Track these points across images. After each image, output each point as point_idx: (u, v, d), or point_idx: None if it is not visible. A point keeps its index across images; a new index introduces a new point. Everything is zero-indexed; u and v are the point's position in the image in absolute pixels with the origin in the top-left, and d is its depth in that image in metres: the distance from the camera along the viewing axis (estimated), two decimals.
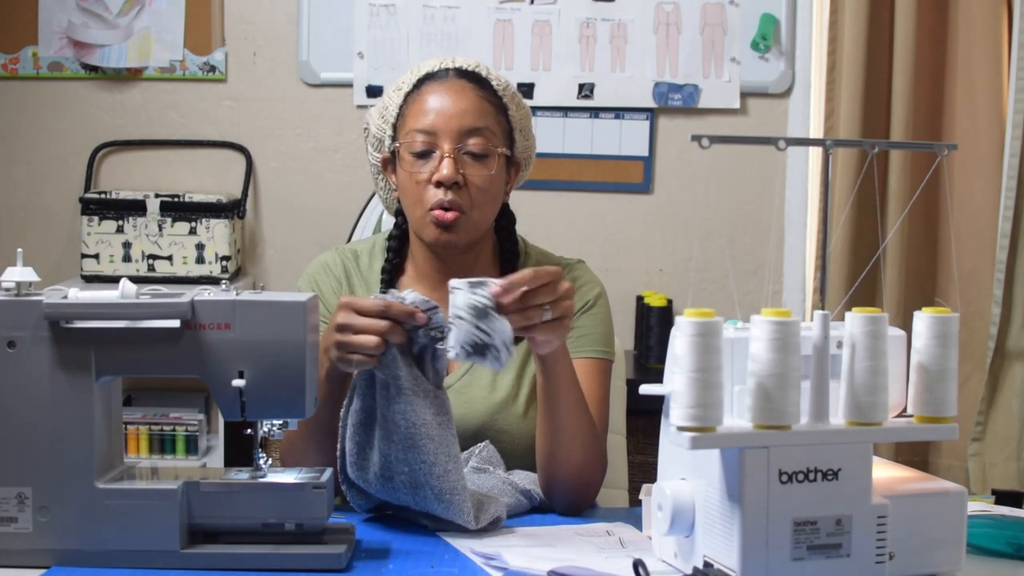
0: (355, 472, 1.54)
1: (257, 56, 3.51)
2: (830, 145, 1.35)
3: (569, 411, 1.65)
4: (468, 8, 3.44)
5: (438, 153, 1.73)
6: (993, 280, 3.18)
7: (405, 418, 1.47)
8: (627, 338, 3.46)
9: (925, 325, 1.32)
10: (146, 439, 3.26)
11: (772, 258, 3.53)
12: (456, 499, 1.48)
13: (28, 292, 1.38)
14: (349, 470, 1.55)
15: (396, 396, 1.48)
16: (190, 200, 3.31)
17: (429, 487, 1.48)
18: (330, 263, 1.87)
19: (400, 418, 1.47)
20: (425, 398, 1.48)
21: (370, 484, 1.53)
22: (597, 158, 3.50)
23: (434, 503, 1.49)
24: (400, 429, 1.47)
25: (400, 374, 1.48)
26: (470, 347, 1.45)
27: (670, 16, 3.44)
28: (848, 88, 3.26)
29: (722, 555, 1.28)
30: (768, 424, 1.25)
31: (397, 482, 1.49)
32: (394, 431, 1.48)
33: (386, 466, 1.49)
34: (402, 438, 1.48)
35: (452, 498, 1.48)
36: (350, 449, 1.54)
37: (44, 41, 3.47)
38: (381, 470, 1.50)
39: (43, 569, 1.35)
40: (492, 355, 1.45)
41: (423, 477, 1.48)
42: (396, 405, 1.48)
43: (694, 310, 1.23)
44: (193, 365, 1.38)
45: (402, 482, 1.49)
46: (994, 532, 1.47)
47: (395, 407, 1.48)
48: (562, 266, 1.88)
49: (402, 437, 1.48)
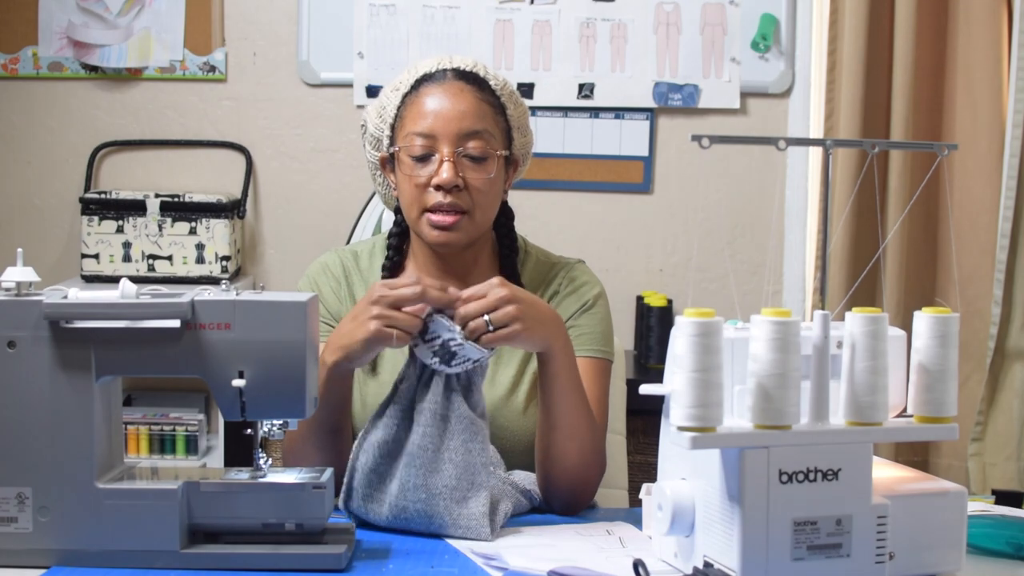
0: (361, 505, 1.53)
1: (257, 56, 3.51)
2: (830, 145, 1.35)
3: (567, 410, 1.65)
4: (468, 8, 3.44)
5: (437, 157, 1.73)
6: (993, 280, 3.18)
7: (432, 442, 1.50)
8: (627, 338, 3.46)
9: (925, 325, 1.32)
10: (146, 439, 3.26)
11: (772, 258, 3.53)
12: (474, 523, 1.49)
13: (28, 292, 1.38)
14: (353, 503, 1.54)
15: (428, 421, 1.50)
16: (190, 200, 3.31)
17: (447, 512, 1.49)
18: (329, 264, 1.87)
19: (428, 442, 1.50)
20: (458, 424, 1.51)
21: (380, 517, 1.52)
22: (597, 158, 3.50)
23: (450, 528, 1.49)
24: (427, 453, 1.50)
25: (430, 398, 1.51)
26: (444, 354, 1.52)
27: (670, 16, 3.44)
28: (848, 88, 3.26)
29: (722, 555, 1.28)
30: (768, 424, 1.25)
31: (411, 511, 1.50)
32: (418, 455, 1.50)
33: (402, 494, 1.50)
34: (425, 463, 1.49)
35: (470, 523, 1.49)
36: (363, 482, 1.53)
37: (44, 41, 3.47)
38: (397, 499, 1.50)
39: (43, 569, 1.35)
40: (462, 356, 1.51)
41: (443, 503, 1.48)
42: (422, 429, 1.50)
43: (694, 310, 1.23)
44: (193, 365, 1.38)
45: (416, 511, 1.49)
46: (994, 532, 1.47)
47: (420, 431, 1.50)
48: (562, 266, 1.88)
49: (426, 462, 1.49)
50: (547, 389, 1.64)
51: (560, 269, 1.88)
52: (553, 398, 1.64)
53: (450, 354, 1.51)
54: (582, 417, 1.66)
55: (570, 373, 1.64)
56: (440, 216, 1.73)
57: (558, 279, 1.86)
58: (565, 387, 1.64)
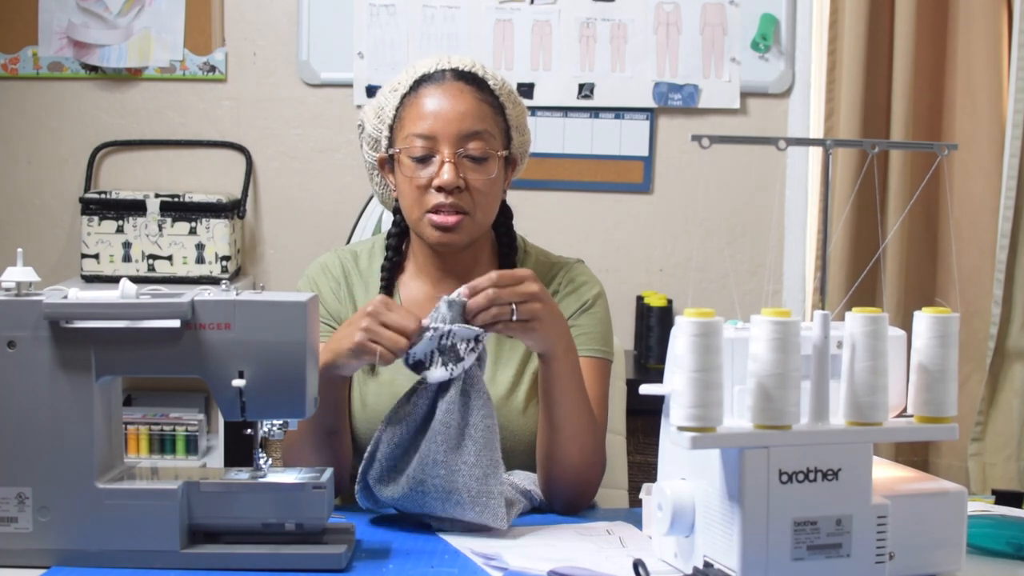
0: (378, 482, 1.54)
1: (257, 56, 3.51)
2: (830, 145, 1.35)
3: (570, 411, 1.65)
4: (468, 8, 3.44)
5: (438, 158, 1.73)
6: (993, 280, 3.18)
7: (455, 418, 1.51)
8: (627, 338, 3.46)
9: (925, 325, 1.32)
10: (146, 439, 3.26)
11: (772, 258, 3.53)
12: (492, 503, 1.49)
13: (28, 292, 1.38)
14: (371, 477, 1.55)
15: (453, 397, 1.51)
16: (190, 200, 3.31)
17: (467, 490, 1.49)
18: (329, 264, 1.87)
19: (451, 418, 1.51)
20: (477, 399, 1.52)
21: (396, 492, 1.53)
22: (597, 158, 3.50)
23: (468, 508, 1.50)
24: (449, 429, 1.50)
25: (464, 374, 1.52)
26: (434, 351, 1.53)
27: (670, 16, 3.44)
28: (848, 88, 3.26)
29: (722, 555, 1.28)
30: (768, 424, 1.25)
31: (428, 486, 1.50)
32: (440, 432, 1.50)
33: (421, 467, 1.50)
34: (448, 439, 1.50)
35: (488, 501, 1.49)
36: (386, 454, 1.54)
37: (44, 41, 3.47)
38: (415, 471, 1.51)
39: (43, 569, 1.35)
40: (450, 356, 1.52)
41: (461, 480, 1.49)
42: (446, 405, 1.51)
43: (694, 310, 1.23)
44: (193, 365, 1.38)
45: (435, 486, 1.50)
46: (994, 532, 1.47)
47: (444, 407, 1.51)
48: (561, 266, 1.88)
49: (448, 438, 1.50)
50: (549, 390, 1.64)
51: (560, 269, 1.88)
52: (555, 399, 1.64)
53: (451, 349, 1.51)
54: (584, 418, 1.67)
55: (573, 373, 1.65)
56: (441, 217, 1.73)
57: (558, 279, 1.86)
58: (568, 388, 1.64)
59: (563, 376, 1.63)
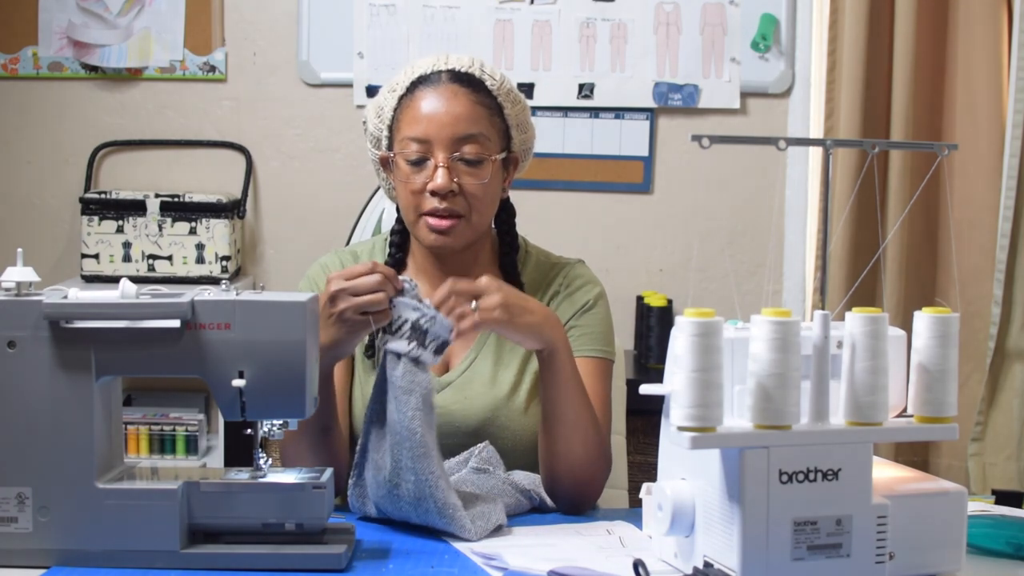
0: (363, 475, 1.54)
1: (257, 56, 3.51)
2: (830, 145, 1.35)
3: (568, 408, 1.65)
4: (468, 8, 3.44)
5: (432, 162, 1.72)
6: (993, 280, 3.18)
7: (420, 426, 1.48)
8: (627, 338, 3.46)
9: (925, 325, 1.32)
10: (146, 439, 3.26)
11: (772, 258, 3.53)
12: (458, 515, 1.48)
13: (28, 292, 1.38)
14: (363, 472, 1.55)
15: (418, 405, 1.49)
16: (190, 200, 3.31)
17: (433, 500, 1.48)
18: (329, 265, 1.87)
19: (416, 425, 1.48)
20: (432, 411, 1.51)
21: (379, 489, 1.52)
22: (597, 158, 3.50)
23: (436, 517, 1.49)
24: (415, 436, 1.48)
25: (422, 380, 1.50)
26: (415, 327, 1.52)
27: (670, 16, 3.44)
28: (848, 88, 3.26)
29: (722, 555, 1.28)
30: (768, 424, 1.25)
31: (402, 491, 1.49)
32: (407, 437, 1.48)
33: (396, 472, 1.50)
34: (415, 446, 1.48)
35: (454, 513, 1.48)
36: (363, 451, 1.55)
37: (44, 41, 3.47)
38: (391, 475, 1.50)
39: (43, 569, 1.35)
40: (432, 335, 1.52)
41: (428, 489, 1.48)
42: (411, 412, 1.49)
43: (694, 310, 1.23)
44: (193, 365, 1.38)
45: (407, 491, 1.49)
46: (994, 532, 1.47)
47: (409, 414, 1.49)
48: (562, 266, 1.89)
49: (415, 445, 1.48)
50: (549, 386, 1.65)
51: (560, 269, 1.88)
52: (555, 394, 1.64)
53: (423, 332, 1.51)
54: (584, 412, 1.67)
55: (571, 372, 1.65)
56: (436, 220, 1.73)
57: (558, 279, 1.86)
58: (566, 383, 1.65)
59: (563, 372, 1.64)
